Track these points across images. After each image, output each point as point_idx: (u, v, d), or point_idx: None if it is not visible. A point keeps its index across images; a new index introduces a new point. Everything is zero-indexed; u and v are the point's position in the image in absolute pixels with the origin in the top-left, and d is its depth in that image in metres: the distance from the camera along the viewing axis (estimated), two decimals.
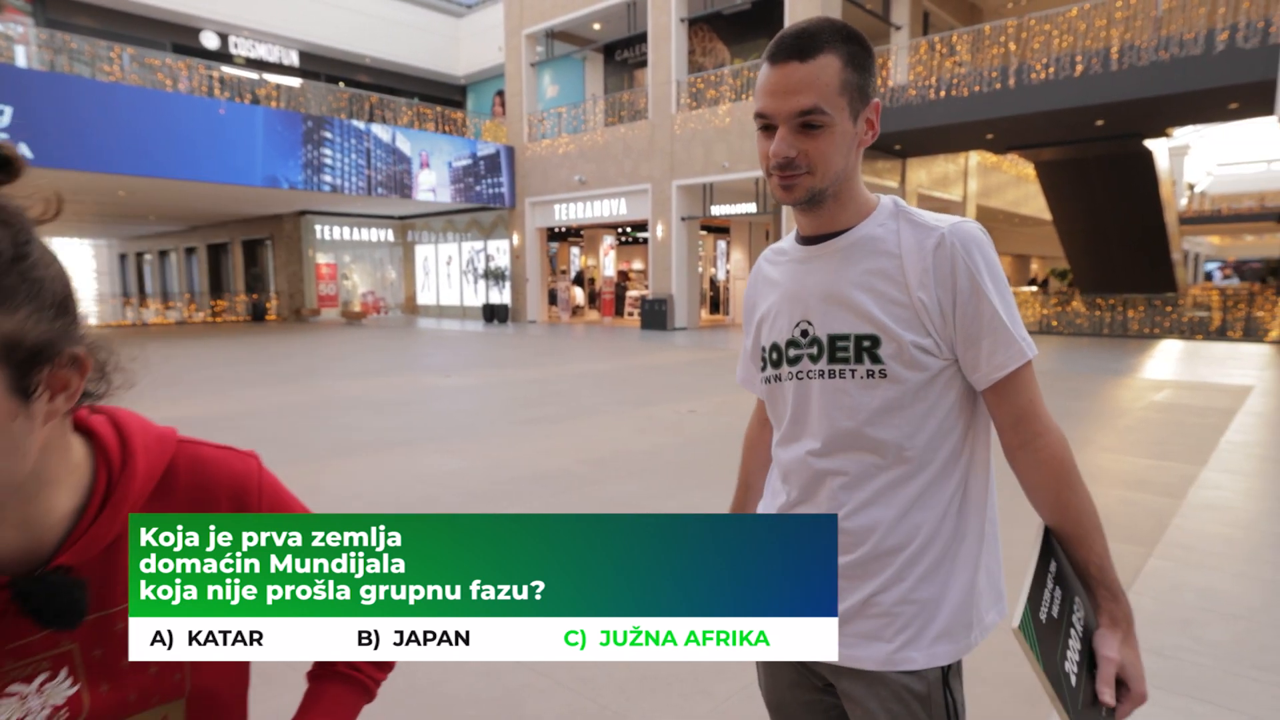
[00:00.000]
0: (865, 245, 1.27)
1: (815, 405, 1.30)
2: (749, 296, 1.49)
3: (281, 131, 18.87)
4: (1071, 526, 1.19)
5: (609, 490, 5.76)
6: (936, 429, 1.25)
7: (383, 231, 30.02)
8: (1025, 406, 1.22)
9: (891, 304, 1.22)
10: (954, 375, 1.25)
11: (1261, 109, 14.55)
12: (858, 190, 1.29)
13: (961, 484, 1.28)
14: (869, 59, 1.22)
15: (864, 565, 1.27)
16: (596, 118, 23.35)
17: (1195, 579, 3.97)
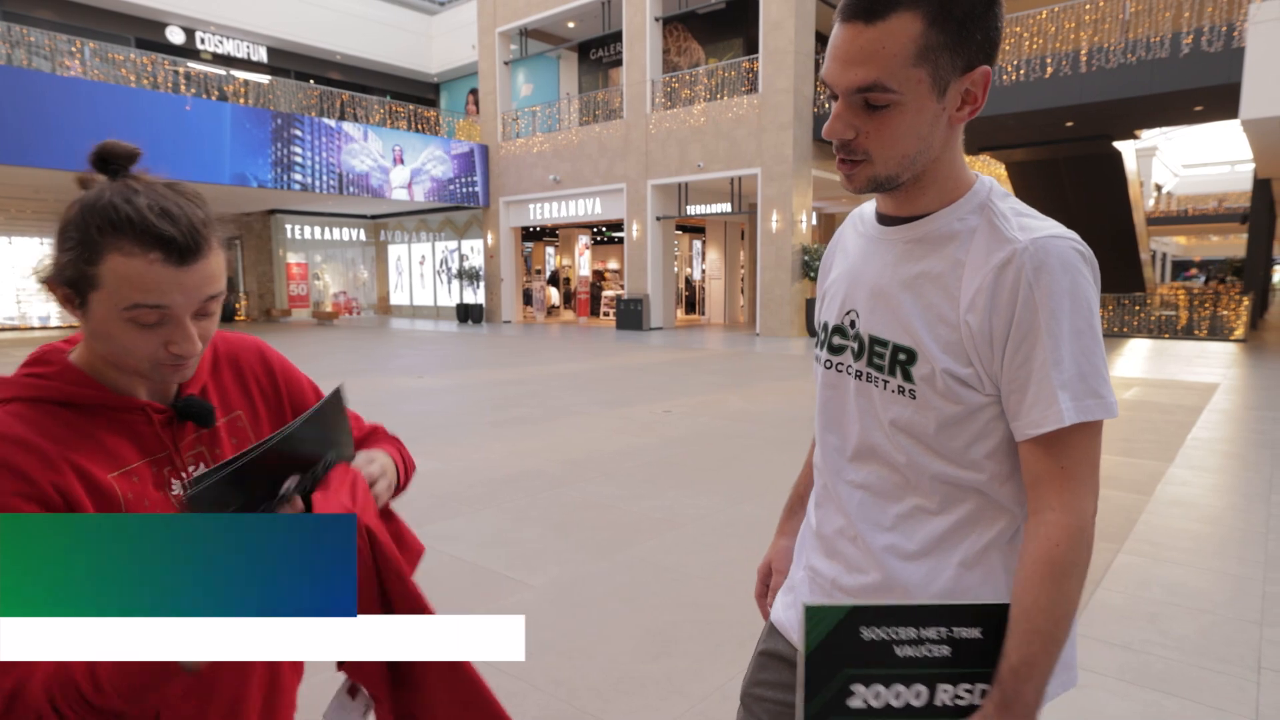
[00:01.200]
0: (933, 241, 1.09)
1: (850, 404, 1.18)
2: (827, 256, 1.34)
3: (250, 129, 18.61)
4: (1017, 613, 1.00)
5: (583, 491, 5.72)
6: (970, 473, 1.09)
7: (355, 231, 29.75)
8: (1046, 473, 1.02)
9: (937, 319, 1.06)
10: (997, 415, 1.06)
11: (1226, 111, 14.79)
12: (952, 170, 1.09)
13: (1003, 540, 1.11)
14: (973, 6, 0.97)
15: (878, 593, 1.15)
16: (571, 117, 23.29)
17: (1163, 574, 4.02)
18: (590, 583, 4.07)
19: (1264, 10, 11.29)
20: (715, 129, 18.73)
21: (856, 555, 1.18)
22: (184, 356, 0.99)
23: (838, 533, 1.21)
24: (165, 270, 0.93)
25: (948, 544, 1.10)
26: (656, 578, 4.14)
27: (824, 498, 1.26)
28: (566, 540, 4.72)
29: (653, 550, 4.54)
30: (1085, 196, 20.44)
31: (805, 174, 17.82)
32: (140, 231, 0.91)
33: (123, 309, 0.93)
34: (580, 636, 3.47)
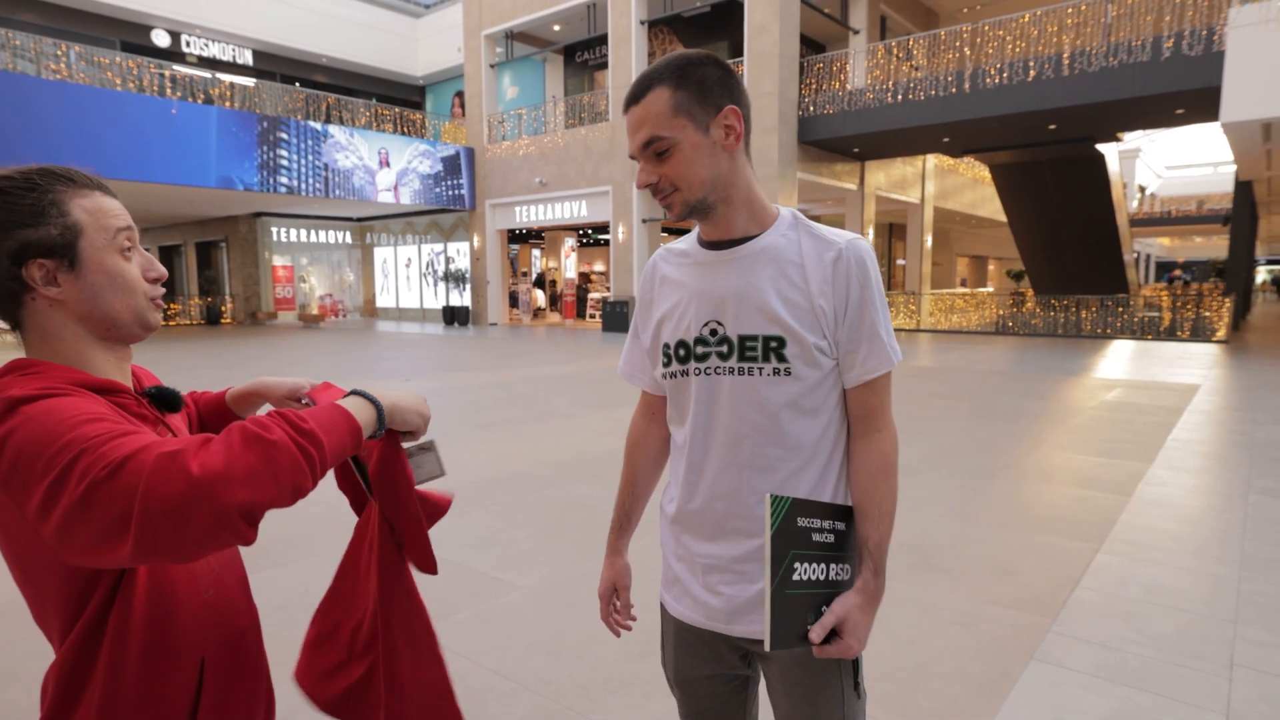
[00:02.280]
0: (771, 253, 1.39)
1: (724, 400, 1.41)
2: (645, 294, 1.57)
3: (236, 132, 18.54)
4: (872, 506, 1.38)
5: (570, 492, 5.75)
6: (827, 420, 1.41)
7: (341, 233, 29.66)
8: (877, 404, 1.41)
9: (796, 308, 1.35)
10: (838, 374, 1.41)
11: (1206, 114, 14.96)
12: (752, 196, 1.41)
13: (842, 469, 1.44)
14: (705, 73, 1.32)
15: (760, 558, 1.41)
16: (557, 119, 23.31)
17: (1141, 573, 4.08)
18: (579, 583, 4.09)
19: (1243, 14, 11.45)
20: None
21: (748, 525, 1.42)
22: (161, 277, 1.14)
23: (725, 514, 1.44)
24: (111, 200, 1.10)
25: (818, 488, 1.41)
26: (642, 578, 4.12)
27: (699, 489, 1.47)
28: (555, 541, 4.74)
29: (639, 551, 4.51)
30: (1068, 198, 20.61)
31: (791, 176, 17.91)
32: (81, 179, 1.08)
33: (111, 238, 1.07)
34: (569, 637, 3.50)
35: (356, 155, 21.33)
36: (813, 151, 18.72)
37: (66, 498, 0.83)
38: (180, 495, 0.81)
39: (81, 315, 1.06)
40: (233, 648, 1.17)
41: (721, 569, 1.46)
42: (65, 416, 0.90)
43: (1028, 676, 3.03)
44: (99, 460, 0.84)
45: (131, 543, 0.81)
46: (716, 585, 1.46)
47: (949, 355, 14.97)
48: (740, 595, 1.44)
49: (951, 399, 9.65)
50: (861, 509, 1.39)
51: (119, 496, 0.81)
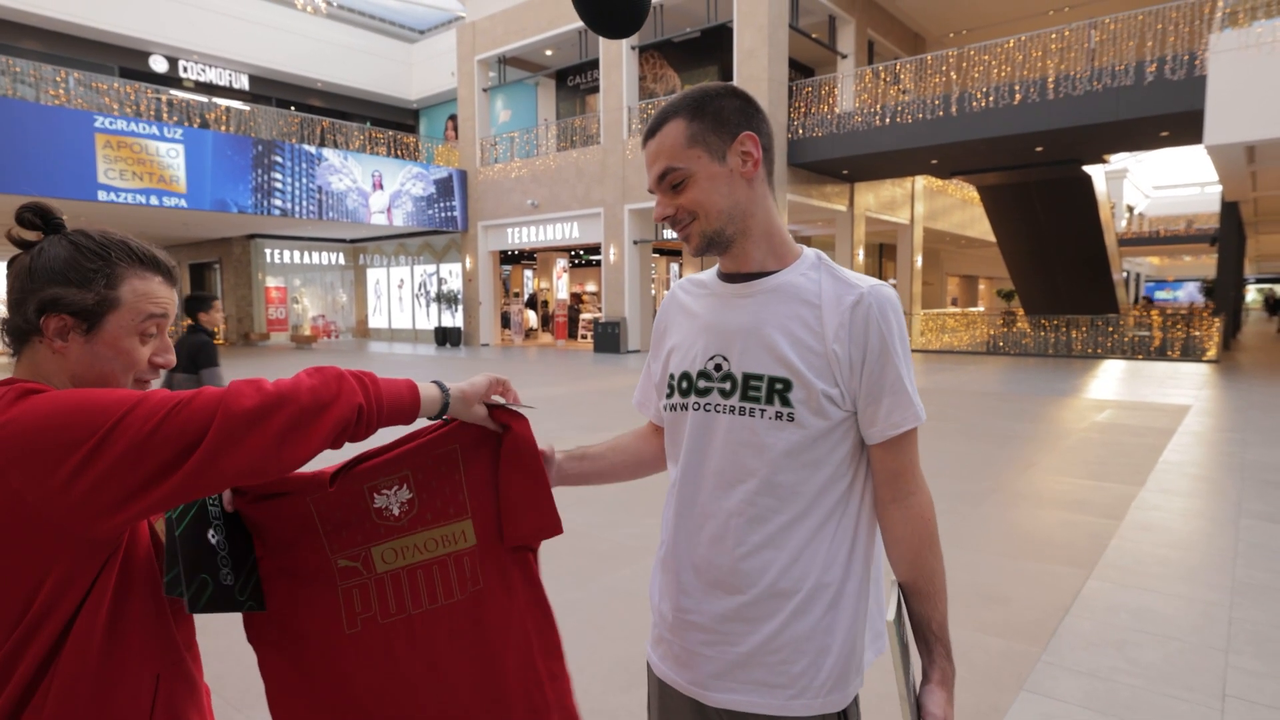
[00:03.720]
0: (788, 291, 1.31)
1: (719, 440, 1.32)
2: (660, 323, 1.52)
3: (231, 156, 18.60)
4: (924, 583, 1.28)
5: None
6: (830, 476, 1.29)
7: (334, 255, 29.64)
8: (906, 465, 1.29)
9: (808, 351, 1.27)
10: (850, 427, 1.30)
11: (1191, 137, 15.07)
12: (773, 230, 1.35)
13: (850, 530, 1.31)
14: (723, 104, 1.29)
15: (757, 606, 1.29)
16: (549, 142, 23.38)
17: (1131, 600, 4.05)
18: (565, 613, 4.04)
19: (1223, 40, 11.57)
20: None
21: (732, 579, 1.31)
22: (167, 366, 1.19)
23: (709, 563, 1.34)
24: (166, 289, 1.17)
25: (814, 546, 1.29)
26: (629, 607, 4.12)
27: (685, 532, 1.38)
28: (543, 568, 4.68)
29: (627, 579, 4.52)
30: (1057, 219, 20.70)
31: (781, 198, 18.00)
32: (149, 260, 1.16)
33: (140, 320, 1.13)
34: None
35: (350, 178, 21.36)
36: (802, 174, 18.82)
37: (119, 445, 0.93)
38: (258, 403, 0.98)
39: (75, 374, 1.12)
40: (180, 663, 1.19)
41: (703, 627, 1.35)
42: (94, 394, 0.99)
43: (1018, 708, 3.00)
44: (164, 404, 0.97)
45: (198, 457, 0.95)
46: (697, 645, 1.35)
47: (940, 376, 14.97)
48: (720, 658, 1.33)
49: (941, 420, 9.63)
50: (913, 588, 1.29)
51: (197, 417, 0.96)
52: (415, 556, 1.30)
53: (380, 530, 1.29)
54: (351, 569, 1.27)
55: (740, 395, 1.30)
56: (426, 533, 1.31)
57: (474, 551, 1.34)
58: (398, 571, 1.29)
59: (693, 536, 1.37)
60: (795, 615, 1.28)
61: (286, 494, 1.23)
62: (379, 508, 1.28)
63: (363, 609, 1.28)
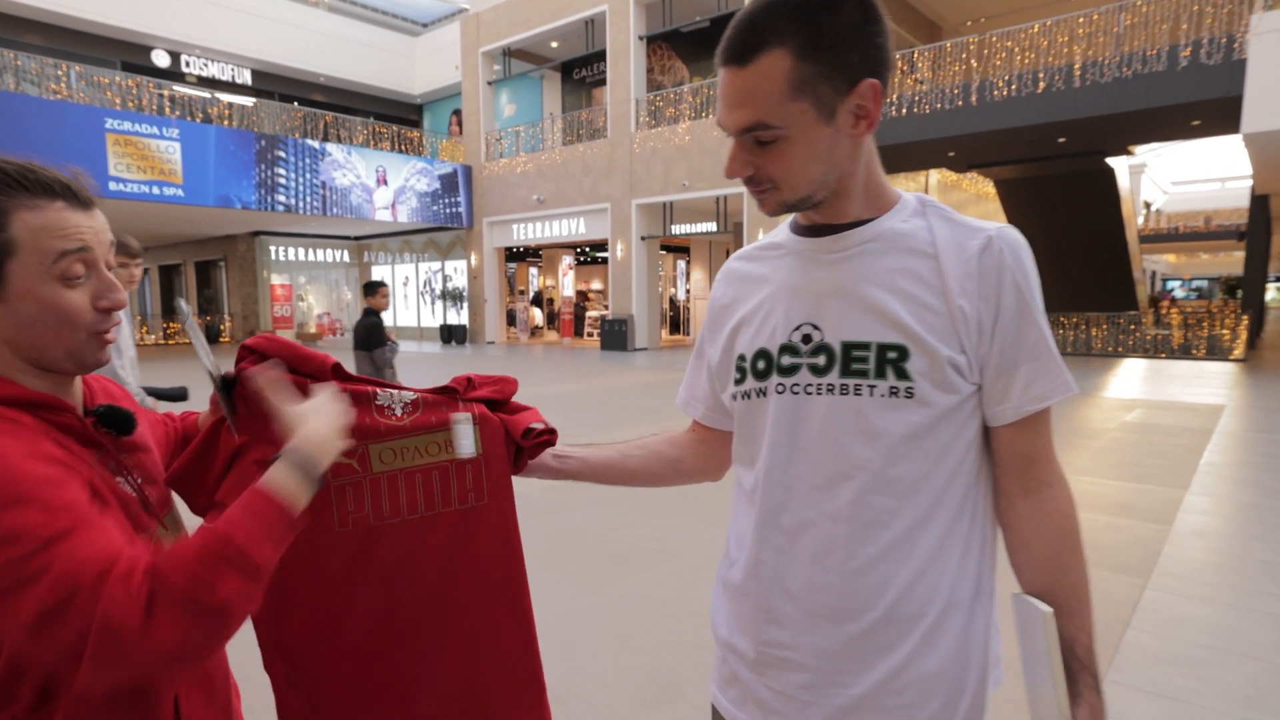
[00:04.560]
0: (893, 239, 1.07)
1: (816, 428, 1.07)
2: (718, 299, 1.26)
3: (234, 151, 18.37)
4: (1065, 595, 1.05)
5: (571, 519, 5.41)
6: (955, 465, 1.06)
7: (339, 252, 29.48)
8: (1042, 449, 1.07)
9: (925, 310, 1.03)
10: (977, 404, 1.07)
11: (1224, 126, 14.62)
12: (872, 180, 1.10)
13: (979, 534, 1.09)
14: (841, 27, 0.97)
15: (875, 635, 1.05)
16: (555, 136, 23.10)
17: (1195, 613, 3.74)
18: (583, 620, 3.78)
19: (1266, 21, 11.15)
20: (700, 147, 18.54)
21: (843, 603, 1.06)
22: (116, 307, 0.97)
23: (810, 585, 1.09)
24: (75, 214, 0.94)
25: (943, 555, 1.05)
26: (653, 614, 3.84)
27: (773, 548, 1.13)
28: (556, 573, 4.40)
29: (647, 583, 4.23)
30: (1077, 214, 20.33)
31: None
32: (37, 183, 0.92)
33: (51, 264, 0.92)
34: (575, 680, 3.21)
35: (354, 173, 21.11)
36: None
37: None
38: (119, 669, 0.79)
39: (5, 339, 0.94)
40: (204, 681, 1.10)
41: (802, 665, 1.09)
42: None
43: None
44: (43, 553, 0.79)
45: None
46: (794, 689, 1.10)
47: None
48: (826, 703, 1.08)
49: None
50: (1052, 601, 1.05)
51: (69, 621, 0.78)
52: (415, 459, 1.20)
53: (380, 429, 1.19)
54: (345, 466, 1.17)
55: (840, 370, 1.05)
56: (429, 435, 1.22)
57: (478, 462, 1.23)
58: (394, 474, 1.20)
59: (784, 552, 1.11)
60: (924, 645, 1.05)
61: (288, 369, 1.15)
62: (381, 404, 1.20)
63: (355, 508, 1.19)
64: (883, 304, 1.04)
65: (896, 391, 1.02)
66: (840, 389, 1.05)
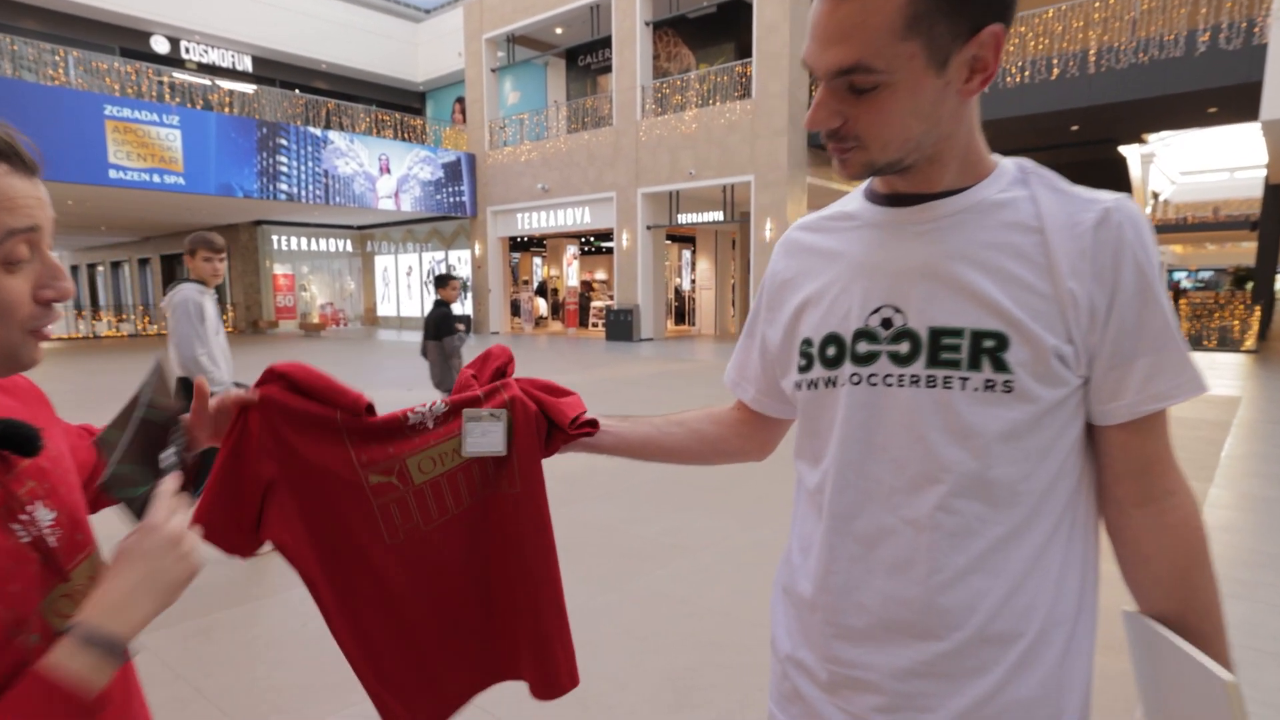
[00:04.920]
0: (990, 211, 0.94)
1: (897, 424, 0.96)
2: (779, 273, 1.15)
3: (235, 138, 18.21)
4: (1198, 619, 0.93)
5: (583, 511, 5.29)
6: (1058, 469, 0.93)
7: (341, 241, 29.36)
8: (1160, 453, 0.94)
9: (1028, 292, 0.90)
10: (1082, 400, 0.94)
11: (1242, 113, 14.35)
12: (973, 149, 0.97)
13: (1081, 545, 0.97)
14: None
15: (963, 656, 0.94)
16: (559, 124, 22.91)
17: (1235, 611, 3.60)
18: (598, 619, 3.67)
19: None
20: (707, 135, 18.36)
21: (925, 621, 0.95)
22: (62, 298, 0.82)
23: (887, 600, 0.97)
24: (20, 182, 0.77)
25: (1041, 568, 0.94)
26: (671, 613, 3.72)
27: (844, 557, 1.02)
28: (569, 569, 4.23)
29: (664, 581, 4.11)
30: None
31: (800, 181, 17.48)
32: None
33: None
34: (592, 683, 3.08)
35: (357, 161, 20.95)
36: (823, 156, 18.26)
37: None
38: None
39: None
40: None
41: (876, 687, 0.98)
42: None
43: None
44: None
45: None
46: (867, 711, 0.99)
47: None
48: None
49: None
50: (1179, 625, 0.94)
51: None
52: (454, 461, 1.19)
53: (414, 441, 1.18)
54: (385, 485, 1.16)
55: (928, 359, 0.93)
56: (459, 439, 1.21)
57: (509, 459, 1.21)
58: (437, 480, 1.19)
59: (859, 562, 1.00)
60: (1018, 668, 0.93)
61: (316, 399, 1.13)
62: (414, 424, 1.18)
63: (403, 520, 1.18)
64: (978, 285, 0.91)
65: (993, 385, 0.90)
66: (927, 381, 0.93)
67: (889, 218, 1.00)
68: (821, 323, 1.03)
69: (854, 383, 0.98)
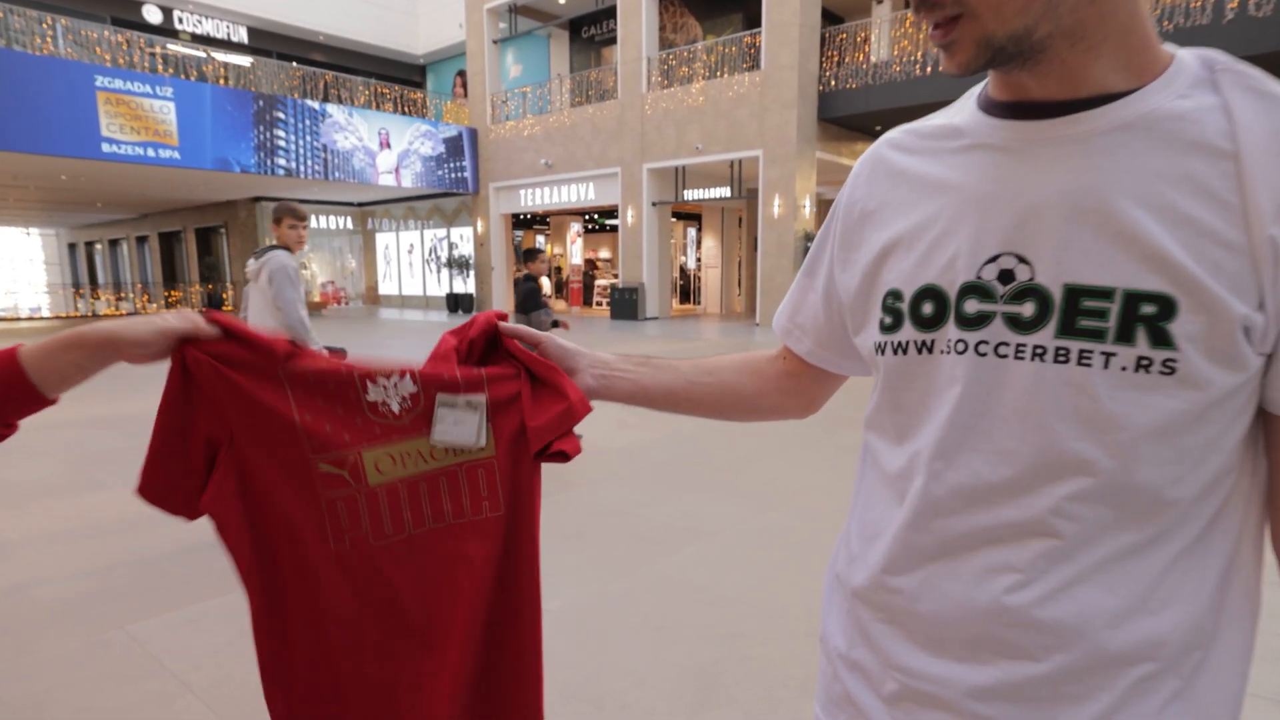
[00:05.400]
0: (1160, 127, 0.69)
1: (1010, 407, 0.74)
2: (857, 201, 0.91)
3: (231, 112, 17.85)
4: None
5: (593, 494, 5.07)
6: (1220, 472, 0.72)
7: (342, 219, 29.07)
8: None
9: (1211, 242, 0.66)
10: (1257, 387, 0.71)
11: None
12: (1136, 32, 0.71)
13: (1230, 557, 0.75)
14: None
15: (1063, 681, 0.74)
16: (563, 98, 22.50)
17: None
18: (613, 607, 3.46)
19: None
20: (715, 109, 17.99)
21: (1025, 638, 0.75)
22: None
23: (986, 610, 0.76)
24: None
25: (1170, 584, 0.73)
26: (689, 601, 3.51)
27: (929, 554, 0.81)
28: (581, 554, 4.07)
29: (680, 566, 3.89)
30: None
31: (810, 156, 17.13)
32: None
33: None
34: (608, 678, 2.91)
35: (356, 136, 20.61)
36: (833, 130, 17.92)
37: None
38: None
39: None
40: None
41: (953, 707, 0.79)
42: None
43: None
44: None
45: None
46: None
47: None
48: None
49: None
50: None
51: None
52: (419, 466, 1.01)
53: (375, 430, 1.00)
54: (335, 477, 0.99)
55: (1060, 327, 0.71)
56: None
57: (491, 464, 1.02)
58: (395, 485, 1.01)
59: (942, 561, 0.80)
60: (1134, 694, 0.73)
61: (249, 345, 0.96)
62: (374, 401, 1.00)
63: (350, 526, 1.00)
64: (1139, 229, 0.68)
65: (1148, 364, 0.68)
66: (1057, 354, 0.71)
67: (1014, 135, 0.76)
68: (915, 272, 0.81)
69: (958, 351, 0.77)
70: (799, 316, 1.03)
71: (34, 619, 3.42)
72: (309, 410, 0.98)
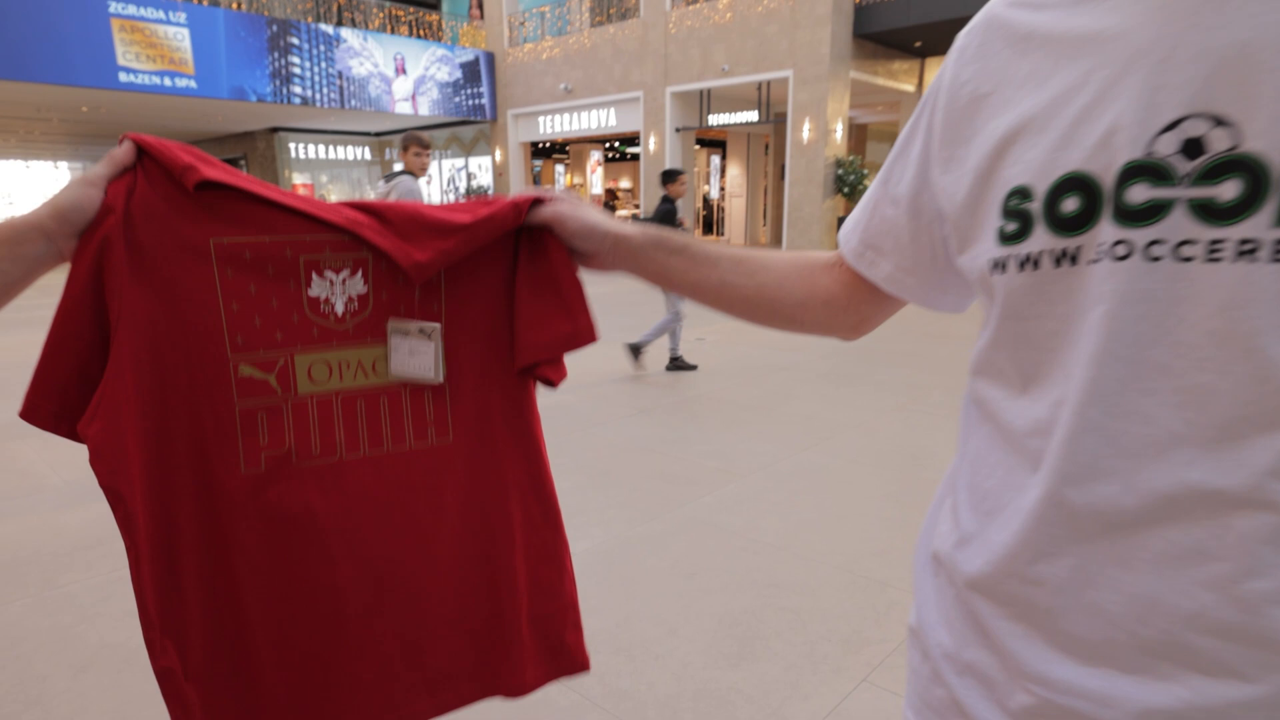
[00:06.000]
0: None
1: (1200, 329, 0.54)
2: (967, 82, 0.68)
3: (245, 37, 17.48)
4: None
5: (619, 431, 4.89)
6: None
7: (360, 149, 28.75)
8: None
9: None
10: None
11: None
12: None
13: None
14: None
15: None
16: (583, 17, 21.75)
17: None
18: (642, 551, 3.31)
19: None
20: (743, 26, 17.29)
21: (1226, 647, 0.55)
22: None
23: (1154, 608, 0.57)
24: None
25: None
26: (722, 546, 3.34)
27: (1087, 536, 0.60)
28: (607, 494, 3.91)
29: (711, 509, 3.71)
30: None
31: (843, 76, 16.47)
32: None
33: None
34: (639, 625, 2.77)
35: (371, 62, 20.14)
36: (868, 47, 17.17)
37: None
38: None
39: None
40: None
41: None
42: None
43: None
44: None
45: None
46: None
47: None
48: None
49: None
50: None
51: None
52: (358, 380, 0.87)
53: (312, 330, 0.86)
54: (259, 382, 0.84)
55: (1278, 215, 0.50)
56: (379, 348, 0.89)
57: (440, 389, 0.90)
58: (328, 397, 0.87)
59: (1099, 544, 0.59)
60: None
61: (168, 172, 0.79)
62: (316, 297, 0.86)
63: (270, 443, 0.85)
64: None
65: None
66: (1276, 250, 0.51)
67: None
68: (1052, 159, 0.60)
69: (1117, 257, 0.57)
70: (870, 231, 0.82)
71: (59, 552, 3.35)
72: (237, 298, 0.83)
